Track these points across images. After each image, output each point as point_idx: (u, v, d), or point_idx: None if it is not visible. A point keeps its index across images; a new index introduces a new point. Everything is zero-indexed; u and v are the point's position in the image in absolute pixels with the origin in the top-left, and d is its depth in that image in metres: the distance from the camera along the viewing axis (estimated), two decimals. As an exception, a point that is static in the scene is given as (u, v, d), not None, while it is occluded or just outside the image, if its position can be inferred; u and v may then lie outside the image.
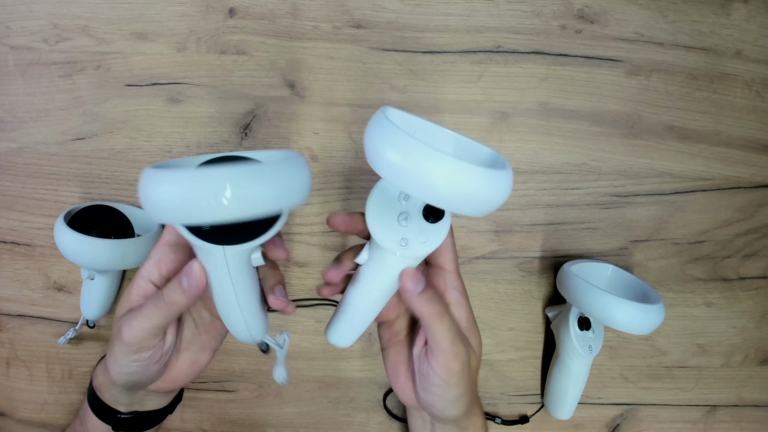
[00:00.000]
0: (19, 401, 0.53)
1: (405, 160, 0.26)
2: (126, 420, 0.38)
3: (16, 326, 0.53)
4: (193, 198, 0.24)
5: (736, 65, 0.52)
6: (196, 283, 0.31)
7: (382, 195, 0.34)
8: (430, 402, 0.35)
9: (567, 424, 0.54)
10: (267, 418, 0.53)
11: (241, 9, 0.50)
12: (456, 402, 0.34)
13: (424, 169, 0.25)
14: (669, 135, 0.52)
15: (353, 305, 0.36)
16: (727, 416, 0.55)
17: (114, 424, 0.38)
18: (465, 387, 0.34)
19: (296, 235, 0.52)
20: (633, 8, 0.51)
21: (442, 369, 0.33)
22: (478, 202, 0.26)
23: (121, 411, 0.38)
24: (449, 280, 0.36)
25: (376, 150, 0.27)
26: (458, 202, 0.26)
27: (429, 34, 0.51)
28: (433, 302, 0.32)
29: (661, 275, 0.53)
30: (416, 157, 0.25)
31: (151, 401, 0.39)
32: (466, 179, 0.25)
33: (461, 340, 0.33)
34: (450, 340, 0.33)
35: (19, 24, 0.51)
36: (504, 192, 0.27)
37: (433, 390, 0.34)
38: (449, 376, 0.33)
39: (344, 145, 0.51)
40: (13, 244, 0.52)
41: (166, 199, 0.25)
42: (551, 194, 0.52)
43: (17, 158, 0.51)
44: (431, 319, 0.32)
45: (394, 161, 0.26)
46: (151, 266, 0.34)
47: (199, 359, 0.37)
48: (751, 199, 0.53)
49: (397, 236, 0.32)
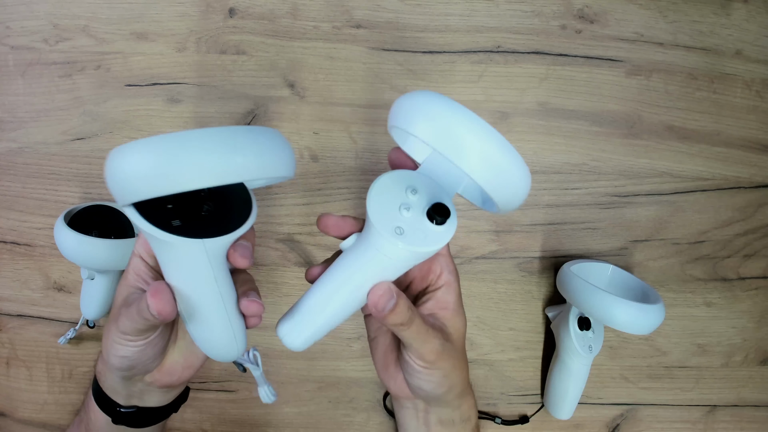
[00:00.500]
0: (19, 401, 0.53)
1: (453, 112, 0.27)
2: (126, 414, 0.37)
3: (16, 326, 0.53)
4: (171, 160, 0.23)
5: (736, 65, 0.52)
6: (162, 309, 0.29)
7: (390, 182, 0.31)
8: (418, 385, 0.35)
9: (567, 424, 0.54)
10: (267, 418, 0.53)
11: (241, 9, 0.50)
12: (443, 381, 0.35)
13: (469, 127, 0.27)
14: (669, 135, 0.52)
15: (319, 296, 0.32)
16: (727, 416, 0.55)
17: (114, 416, 0.37)
18: (449, 368, 0.34)
19: (296, 235, 0.52)
20: (633, 8, 0.51)
21: (418, 360, 0.33)
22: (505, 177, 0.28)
23: (120, 404, 0.37)
24: (444, 264, 0.35)
25: (423, 99, 0.28)
26: (489, 165, 0.27)
27: (429, 34, 0.51)
28: (401, 316, 0.31)
29: (661, 275, 0.53)
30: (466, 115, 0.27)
31: (151, 397, 0.38)
32: (503, 150, 0.27)
33: (432, 336, 0.33)
34: (420, 341, 0.32)
35: (19, 24, 0.51)
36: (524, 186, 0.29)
37: (417, 375, 0.34)
38: (428, 364, 0.34)
39: (344, 145, 0.51)
40: (13, 244, 0.52)
41: (140, 167, 0.24)
42: (551, 194, 0.52)
43: (17, 158, 0.51)
44: (397, 330, 0.32)
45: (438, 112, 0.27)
46: (140, 245, 0.33)
47: (195, 350, 0.36)
48: (751, 199, 0.53)
49: (393, 223, 0.30)
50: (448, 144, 0.27)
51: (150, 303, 0.29)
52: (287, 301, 0.52)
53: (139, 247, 0.33)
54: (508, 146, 0.27)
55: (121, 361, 0.33)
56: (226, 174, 0.24)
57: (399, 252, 0.30)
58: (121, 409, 0.37)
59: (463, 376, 0.36)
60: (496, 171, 0.28)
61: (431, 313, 0.35)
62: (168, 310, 0.29)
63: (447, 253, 0.35)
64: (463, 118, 0.27)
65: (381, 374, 0.38)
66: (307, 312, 0.32)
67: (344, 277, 0.32)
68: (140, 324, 0.31)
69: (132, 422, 0.38)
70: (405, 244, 0.29)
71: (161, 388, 0.37)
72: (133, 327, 0.31)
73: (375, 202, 0.30)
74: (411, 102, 0.29)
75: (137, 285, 0.33)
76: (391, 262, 0.30)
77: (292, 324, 0.32)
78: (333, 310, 0.32)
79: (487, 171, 0.27)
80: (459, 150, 0.27)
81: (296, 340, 0.32)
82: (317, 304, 0.32)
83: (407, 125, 0.28)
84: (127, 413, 0.37)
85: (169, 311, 0.29)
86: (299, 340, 0.32)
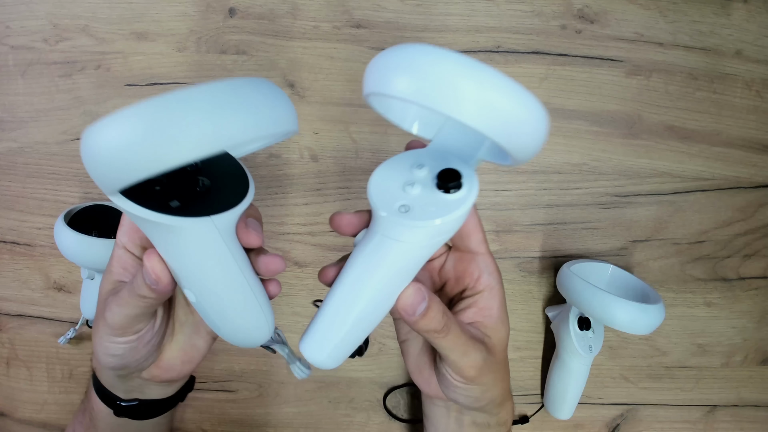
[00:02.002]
0: (19, 401, 0.53)
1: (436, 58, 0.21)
2: (127, 407, 0.35)
3: (16, 326, 0.53)
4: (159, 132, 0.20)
5: (736, 65, 0.52)
6: (157, 279, 0.26)
7: (394, 164, 0.28)
8: (454, 398, 0.33)
9: (567, 424, 0.54)
10: (267, 418, 0.53)
11: (241, 9, 0.50)
12: (481, 396, 0.32)
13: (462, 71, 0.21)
14: (669, 135, 0.52)
15: (335, 303, 0.28)
16: (727, 416, 0.55)
17: (115, 409, 0.35)
18: (490, 382, 0.31)
19: (296, 234, 0.52)
20: (633, 8, 0.51)
21: (457, 375, 0.30)
22: (508, 116, 0.22)
23: (121, 398, 0.35)
24: (483, 265, 0.32)
25: (404, 52, 0.22)
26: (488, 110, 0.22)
27: (429, 34, 0.51)
28: (434, 322, 0.28)
29: (661, 275, 0.53)
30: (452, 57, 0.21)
31: (152, 391, 0.36)
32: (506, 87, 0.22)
33: (473, 348, 0.30)
34: (458, 354, 0.29)
35: (19, 24, 0.51)
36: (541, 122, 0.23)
37: (453, 389, 0.31)
38: (467, 380, 0.30)
39: (344, 145, 0.51)
40: (13, 244, 0.52)
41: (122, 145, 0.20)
42: (551, 194, 0.52)
43: (17, 158, 0.51)
44: (431, 338, 0.29)
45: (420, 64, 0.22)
46: (122, 235, 0.30)
47: (195, 344, 0.34)
48: (751, 199, 0.53)
49: (397, 202, 0.26)
50: (432, 94, 0.21)
51: (147, 265, 0.26)
52: (287, 301, 0.52)
53: (122, 237, 0.30)
54: (508, 81, 0.22)
55: (112, 360, 0.31)
56: (227, 137, 0.21)
57: (408, 232, 0.26)
58: (122, 402, 0.35)
59: (504, 387, 0.33)
60: (497, 112, 0.22)
61: (472, 322, 0.31)
62: (166, 279, 0.27)
63: (486, 252, 0.32)
64: (442, 57, 0.21)
65: (414, 377, 0.36)
66: (327, 322, 0.28)
67: (357, 276, 0.28)
68: (132, 307, 0.28)
69: (135, 415, 0.36)
70: (411, 220, 0.25)
71: (161, 383, 0.35)
72: (124, 314, 0.29)
73: (376, 186, 0.27)
74: (379, 61, 0.23)
75: (123, 279, 0.30)
76: (403, 248, 0.26)
77: (313, 338, 0.28)
78: (353, 316, 0.28)
79: (486, 115, 0.22)
80: (447, 97, 0.21)
81: (320, 355, 0.28)
82: (335, 312, 0.28)
83: (380, 87, 0.23)
84: (128, 407, 0.35)
85: (166, 280, 0.27)
86: (323, 355, 0.28)
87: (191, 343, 0.34)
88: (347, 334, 0.28)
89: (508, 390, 0.35)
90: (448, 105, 0.21)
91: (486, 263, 0.32)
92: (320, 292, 0.52)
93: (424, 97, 0.21)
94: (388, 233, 0.26)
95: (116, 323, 0.29)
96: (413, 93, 0.22)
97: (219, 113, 0.20)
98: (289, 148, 0.51)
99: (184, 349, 0.34)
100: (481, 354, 0.30)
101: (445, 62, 0.21)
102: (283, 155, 0.51)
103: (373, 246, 0.27)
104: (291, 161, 0.51)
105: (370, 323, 0.28)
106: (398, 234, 0.26)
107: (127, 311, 0.28)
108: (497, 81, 0.22)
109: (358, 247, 0.28)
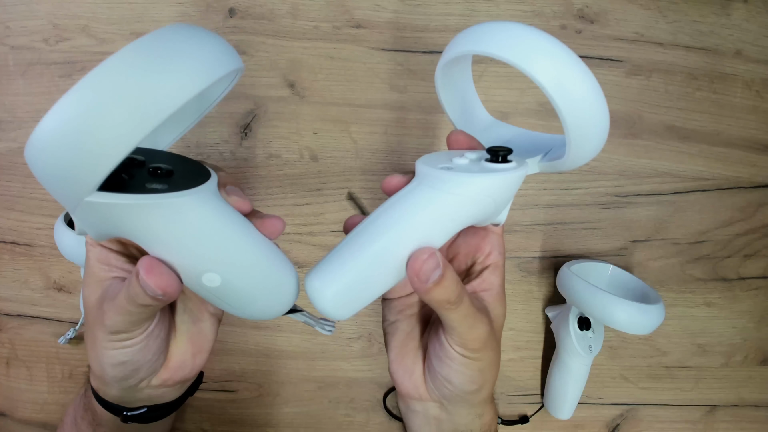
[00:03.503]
0: (19, 401, 0.53)
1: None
2: (135, 415, 0.33)
3: (16, 326, 0.53)
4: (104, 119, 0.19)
5: (736, 65, 0.52)
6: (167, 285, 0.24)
7: (445, 151, 0.29)
8: (446, 375, 0.30)
9: (567, 424, 0.54)
10: (267, 418, 0.53)
11: (241, 9, 0.50)
12: (476, 376, 0.30)
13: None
14: (669, 135, 0.52)
15: (352, 241, 0.26)
16: (727, 416, 0.55)
17: (122, 418, 0.33)
18: (488, 361, 0.30)
19: (296, 235, 0.52)
20: (633, 8, 0.51)
21: (461, 348, 0.29)
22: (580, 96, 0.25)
23: (128, 408, 0.32)
24: (496, 243, 0.31)
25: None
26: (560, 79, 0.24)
27: (429, 34, 0.51)
28: (448, 291, 0.26)
29: (661, 275, 0.53)
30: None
31: (163, 395, 0.33)
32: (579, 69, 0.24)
33: (481, 320, 0.29)
34: (467, 326, 0.28)
35: (19, 24, 0.51)
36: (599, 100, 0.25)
37: (451, 364, 0.30)
38: (469, 353, 0.29)
39: (344, 145, 0.51)
40: (13, 244, 0.52)
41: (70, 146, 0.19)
42: (551, 194, 0.52)
43: (17, 158, 0.51)
44: (442, 310, 0.27)
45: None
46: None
47: (201, 330, 0.32)
48: (751, 199, 0.53)
49: (441, 164, 0.26)
50: (526, 58, 0.24)
51: (149, 283, 0.24)
52: (287, 301, 0.52)
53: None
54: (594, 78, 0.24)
55: (120, 369, 0.29)
56: (179, 95, 0.20)
57: (446, 183, 0.25)
58: (129, 413, 0.33)
59: (494, 375, 0.32)
60: (578, 102, 0.25)
61: (473, 292, 0.31)
62: (174, 286, 0.24)
63: (501, 233, 0.32)
64: (547, 39, 0.24)
65: (394, 366, 0.33)
66: (339, 255, 0.26)
67: (382, 212, 0.26)
68: (135, 314, 0.26)
69: (144, 420, 0.33)
70: (456, 173, 0.25)
71: (174, 386, 0.33)
72: (127, 320, 0.26)
73: (426, 157, 0.27)
74: (486, 26, 0.26)
75: (110, 275, 0.28)
76: (440, 202, 0.25)
77: (320, 273, 0.26)
78: (368, 255, 0.26)
79: (570, 96, 0.24)
80: (536, 64, 0.24)
81: (324, 295, 0.26)
82: (350, 247, 0.26)
83: (478, 45, 0.25)
84: (136, 415, 0.33)
85: (175, 286, 0.24)
86: (328, 295, 0.26)
87: (197, 331, 0.32)
88: (358, 275, 0.26)
89: (493, 386, 0.34)
90: (536, 69, 0.24)
91: (498, 242, 0.31)
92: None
93: (516, 56, 0.24)
94: (424, 181, 0.26)
95: (119, 328, 0.27)
96: (508, 52, 0.24)
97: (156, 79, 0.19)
98: (289, 148, 0.51)
99: (192, 339, 0.32)
100: (486, 327, 0.29)
101: (538, 34, 0.24)
102: (283, 155, 0.51)
103: (407, 190, 0.27)
104: (291, 161, 0.51)
105: (382, 273, 0.26)
106: (435, 182, 0.25)
107: (129, 318, 0.26)
108: (590, 77, 0.24)
109: (392, 198, 0.27)
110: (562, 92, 0.24)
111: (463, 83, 0.34)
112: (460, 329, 0.28)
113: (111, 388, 0.31)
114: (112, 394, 0.32)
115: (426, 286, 0.25)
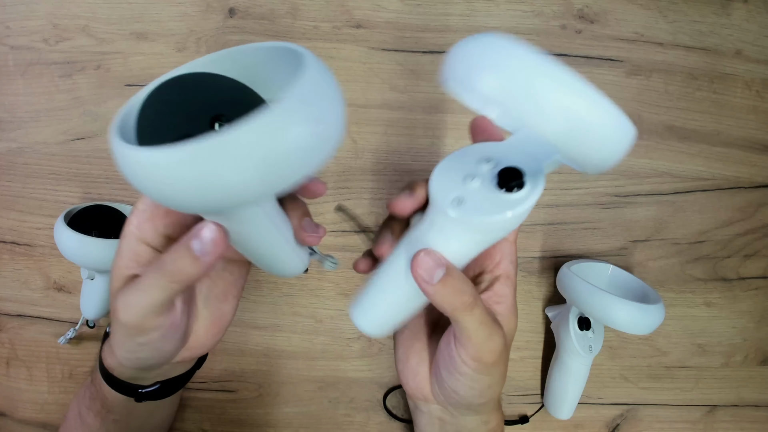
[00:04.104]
0: (19, 401, 0.53)
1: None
2: (149, 392, 0.33)
3: (16, 326, 0.53)
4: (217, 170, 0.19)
5: (736, 65, 0.52)
6: (213, 248, 0.24)
7: (462, 155, 0.28)
8: (453, 387, 0.30)
9: (567, 424, 0.54)
10: (267, 418, 0.53)
11: (241, 9, 0.50)
12: (485, 391, 0.30)
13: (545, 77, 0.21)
14: (669, 135, 0.52)
15: (379, 274, 0.29)
16: (727, 416, 0.55)
17: (136, 397, 0.33)
18: (498, 376, 0.30)
19: (296, 235, 0.52)
20: (633, 8, 0.51)
21: (473, 361, 0.28)
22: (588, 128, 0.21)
23: (142, 385, 0.33)
24: (507, 251, 0.30)
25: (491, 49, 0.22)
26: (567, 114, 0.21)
27: (429, 34, 0.51)
28: (458, 293, 0.26)
29: (661, 275, 0.53)
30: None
31: (176, 370, 0.34)
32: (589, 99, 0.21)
33: (497, 331, 0.28)
34: (483, 335, 0.27)
35: (19, 24, 0.51)
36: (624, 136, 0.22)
37: (459, 377, 0.29)
38: (481, 367, 0.28)
39: (344, 145, 0.51)
40: (13, 244, 0.52)
41: (182, 183, 0.20)
42: (551, 194, 0.52)
43: (17, 158, 0.51)
44: (457, 313, 0.26)
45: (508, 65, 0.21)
46: (142, 222, 0.26)
47: (223, 312, 0.32)
48: (751, 199, 0.53)
49: (453, 192, 0.25)
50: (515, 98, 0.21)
51: (205, 231, 0.24)
52: (287, 301, 0.52)
53: (138, 227, 0.27)
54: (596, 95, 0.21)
55: (138, 362, 0.29)
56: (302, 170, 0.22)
57: (454, 226, 0.25)
58: (143, 389, 0.33)
59: (502, 387, 0.31)
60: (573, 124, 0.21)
61: (486, 305, 0.30)
62: (222, 245, 0.25)
63: (513, 241, 0.31)
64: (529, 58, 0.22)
65: (400, 366, 0.33)
66: (370, 291, 0.30)
67: (402, 261, 0.28)
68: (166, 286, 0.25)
69: (157, 396, 0.34)
70: (459, 214, 0.24)
71: (189, 362, 0.34)
72: (143, 305, 0.25)
73: (440, 174, 0.27)
74: (467, 48, 0.23)
75: (135, 273, 0.27)
76: (449, 240, 0.26)
77: (359, 304, 0.31)
78: (392, 297, 0.29)
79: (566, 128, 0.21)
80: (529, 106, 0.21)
81: (363, 321, 0.30)
82: (378, 283, 0.30)
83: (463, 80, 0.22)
84: (150, 391, 0.33)
85: (222, 247, 0.25)
86: (365, 322, 0.30)
87: (219, 314, 0.32)
88: (387, 308, 0.30)
89: (499, 398, 0.33)
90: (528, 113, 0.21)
91: (509, 251, 0.31)
92: (321, 292, 0.52)
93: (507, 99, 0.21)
94: (434, 222, 0.26)
95: (132, 319, 0.26)
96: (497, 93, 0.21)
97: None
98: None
99: (213, 321, 0.32)
100: (502, 339, 0.28)
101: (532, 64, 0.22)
102: (283, 155, 0.51)
103: (421, 232, 0.27)
104: (291, 161, 0.51)
105: (407, 304, 0.30)
106: (442, 224, 0.26)
107: (146, 300, 0.25)
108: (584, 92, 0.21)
109: (410, 231, 0.29)
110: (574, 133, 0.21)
111: None
112: (476, 338, 0.27)
113: (127, 370, 0.32)
114: (127, 374, 0.33)
115: (433, 285, 0.25)
